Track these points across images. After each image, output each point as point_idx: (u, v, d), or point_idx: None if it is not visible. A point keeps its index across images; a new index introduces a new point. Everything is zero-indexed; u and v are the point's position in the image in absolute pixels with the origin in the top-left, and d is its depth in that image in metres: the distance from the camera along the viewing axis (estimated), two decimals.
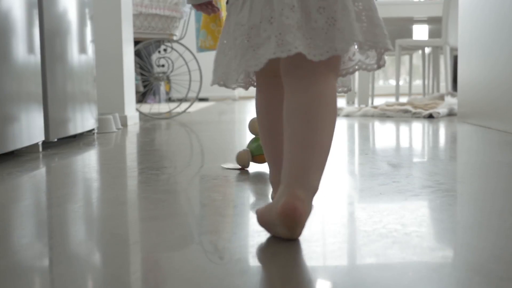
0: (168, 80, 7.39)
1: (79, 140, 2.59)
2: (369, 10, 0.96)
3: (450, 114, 3.61)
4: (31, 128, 2.00)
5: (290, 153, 0.93)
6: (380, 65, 1.01)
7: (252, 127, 1.67)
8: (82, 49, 2.63)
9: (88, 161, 1.94)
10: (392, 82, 8.90)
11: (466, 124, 2.99)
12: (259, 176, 1.54)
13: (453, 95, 3.97)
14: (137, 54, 4.36)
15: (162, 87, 6.94)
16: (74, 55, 2.51)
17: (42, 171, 1.74)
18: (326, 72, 0.96)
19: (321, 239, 0.92)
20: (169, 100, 7.13)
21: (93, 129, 2.75)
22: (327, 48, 0.92)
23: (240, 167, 1.65)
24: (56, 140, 2.27)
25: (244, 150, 1.65)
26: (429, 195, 1.23)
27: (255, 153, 1.64)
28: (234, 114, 4.55)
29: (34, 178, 1.60)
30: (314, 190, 0.92)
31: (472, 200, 1.19)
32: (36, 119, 2.05)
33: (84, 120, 2.61)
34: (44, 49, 2.14)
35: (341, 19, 0.93)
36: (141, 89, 5.88)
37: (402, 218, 1.04)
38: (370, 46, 0.96)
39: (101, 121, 2.84)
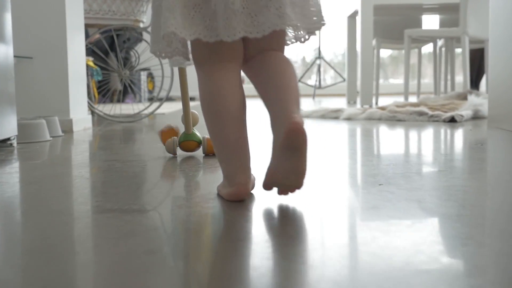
0: (151, 78, 6.72)
1: None
2: None
3: (476, 117, 2.95)
4: None
5: (280, 93, 1.05)
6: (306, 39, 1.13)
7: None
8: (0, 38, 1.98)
9: None
10: (392, 81, 8.56)
11: (500, 131, 2.33)
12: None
13: (477, 94, 3.31)
14: (100, 46, 3.70)
15: (144, 85, 6.26)
16: None
17: None
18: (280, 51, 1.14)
19: None
20: (152, 99, 6.45)
21: (9, 138, 2.07)
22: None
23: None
24: None
25: (171, 138, 1.74)
26: None
27: (180, 140, 1.74)
28: None
29: None
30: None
31: None
32: None
33: (2, 126, 1.96)
34: None
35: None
36: (119, 86, 5.21)
37: None
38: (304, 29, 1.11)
39: (24, 127, 2.16)
